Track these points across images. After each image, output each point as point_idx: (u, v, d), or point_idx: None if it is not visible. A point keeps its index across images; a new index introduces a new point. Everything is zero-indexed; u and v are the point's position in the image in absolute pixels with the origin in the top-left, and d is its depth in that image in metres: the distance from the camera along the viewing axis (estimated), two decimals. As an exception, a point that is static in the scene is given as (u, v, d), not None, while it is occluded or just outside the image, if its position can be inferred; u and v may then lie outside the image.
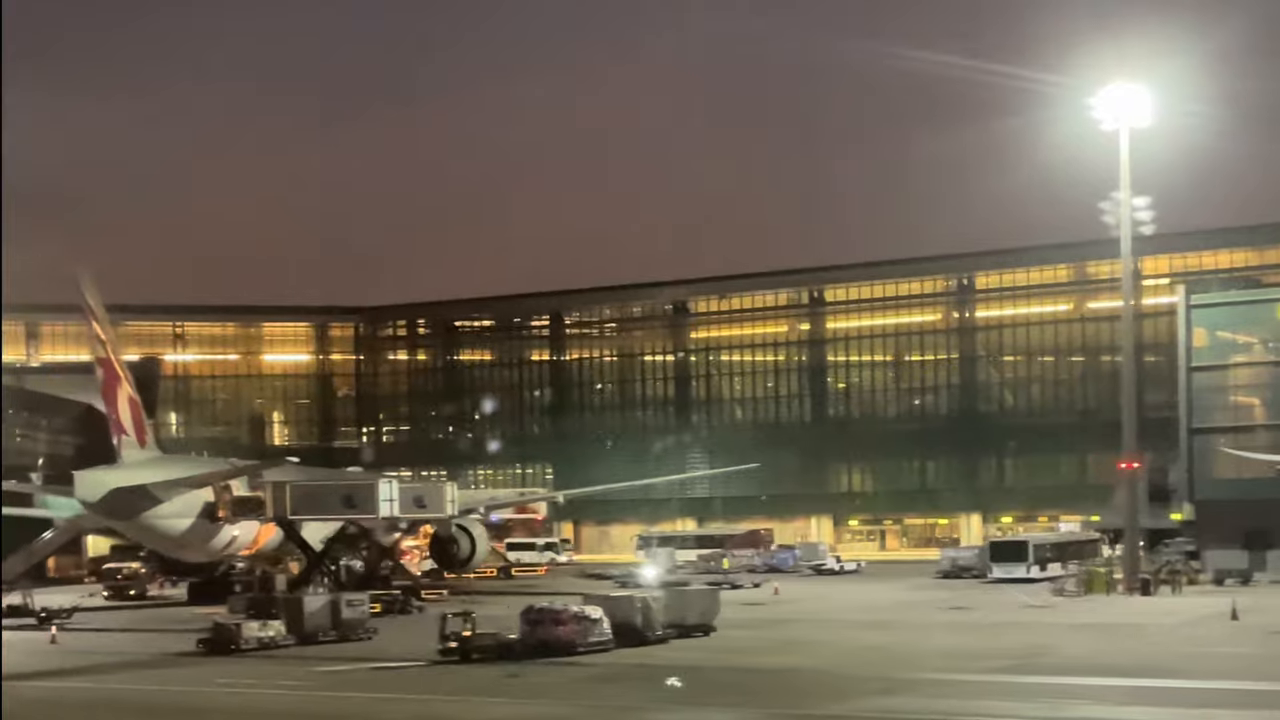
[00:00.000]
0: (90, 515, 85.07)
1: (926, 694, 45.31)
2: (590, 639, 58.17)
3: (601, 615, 58.99)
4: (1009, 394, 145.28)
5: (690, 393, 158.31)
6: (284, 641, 63.85)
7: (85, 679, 55.62)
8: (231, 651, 61.76)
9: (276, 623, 64.73)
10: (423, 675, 53.71)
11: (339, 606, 66.72)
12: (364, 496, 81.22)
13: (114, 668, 58.98)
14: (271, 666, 57.42)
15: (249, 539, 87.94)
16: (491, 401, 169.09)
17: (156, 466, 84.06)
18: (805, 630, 67.12)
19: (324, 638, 65.32)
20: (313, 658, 59.92)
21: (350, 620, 66.75)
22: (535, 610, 58.94)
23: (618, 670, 53.33)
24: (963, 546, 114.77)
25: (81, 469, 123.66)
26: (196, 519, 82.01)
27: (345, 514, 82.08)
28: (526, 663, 55.23)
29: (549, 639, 57.59)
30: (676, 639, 61.78)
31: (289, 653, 62.16)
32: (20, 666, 58.91)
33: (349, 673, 54.88)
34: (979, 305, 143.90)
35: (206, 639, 63.37)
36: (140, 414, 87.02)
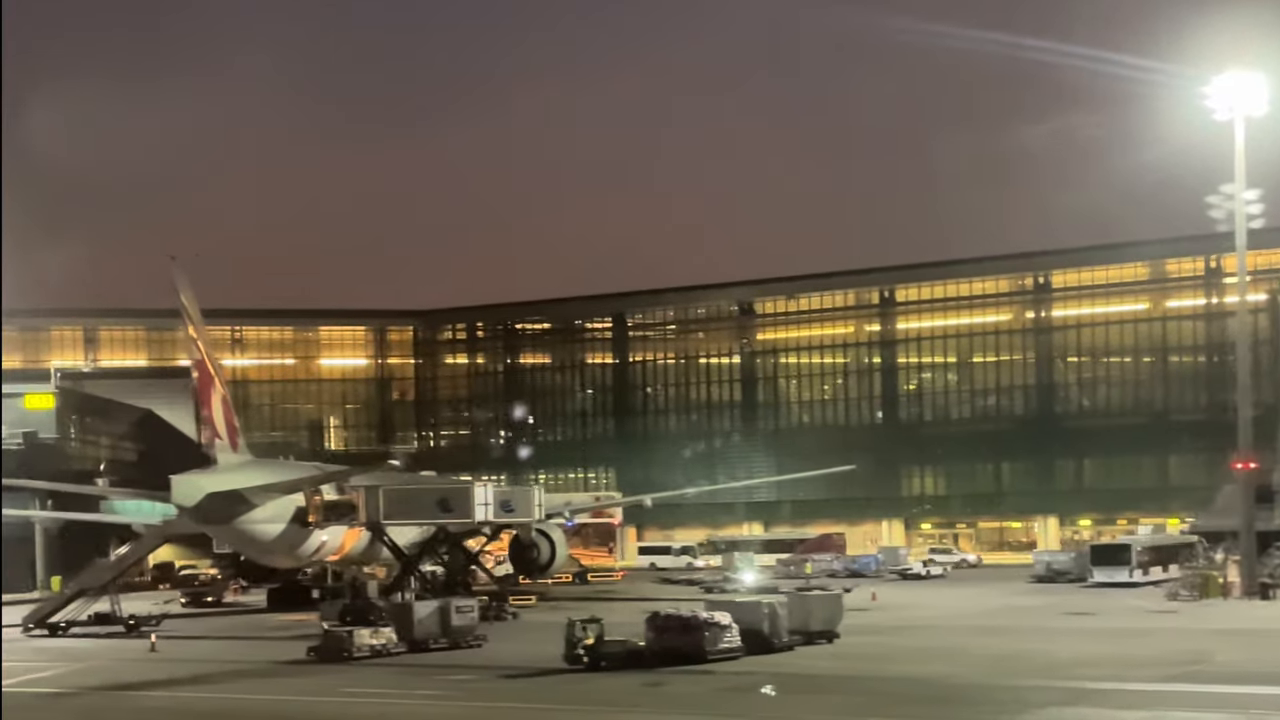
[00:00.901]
0: (179, 520, 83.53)
1: (1107, 704, 43.16)
2: (719, 646, 56.25)
3: (731, 622, 57.03)
4: (1085, 395, 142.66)
5: (756, 395, 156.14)
6: (395, 649, 62.14)
7: (205, 688, 53.95)
8: (344, 659, 60.02)
9: (387, 630, 63.00)
10: (559, 684, 51.78)
11: (449, 613, 64.83)
12: (459, 500, 79.63)
13: (229, 676, 57.28)
14: (394, 675, 55.58)
15: (336, 544, 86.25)
16: (552, 405, 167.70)
17: (250, 470, 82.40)
18: (930, 637, 64.90)
19: (435, 645, 63.62)
20: (432, 666, 58.14)
21: (460, 627, 64.90)
22: (662, 617, 56.98)
23: (758, 679, 51.23)
24: (1058, 550, 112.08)
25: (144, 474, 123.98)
26: (288, 524, 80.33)
27: (440, 518, 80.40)
28: (657, 670, 53.27)
29: (677, 646, 55.63)
30: (801, 646, 59.82)
31: (402, 661, 60.34)
32: (131, 676, 57.56)
33: (479, 682, 53.03)
34: (1055, 304, 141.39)
35: (317, 647, 61.69)
36: (233, 417, 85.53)
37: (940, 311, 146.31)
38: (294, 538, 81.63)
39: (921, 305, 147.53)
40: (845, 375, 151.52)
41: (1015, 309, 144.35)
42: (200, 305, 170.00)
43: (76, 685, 55.12)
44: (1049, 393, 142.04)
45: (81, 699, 52.19)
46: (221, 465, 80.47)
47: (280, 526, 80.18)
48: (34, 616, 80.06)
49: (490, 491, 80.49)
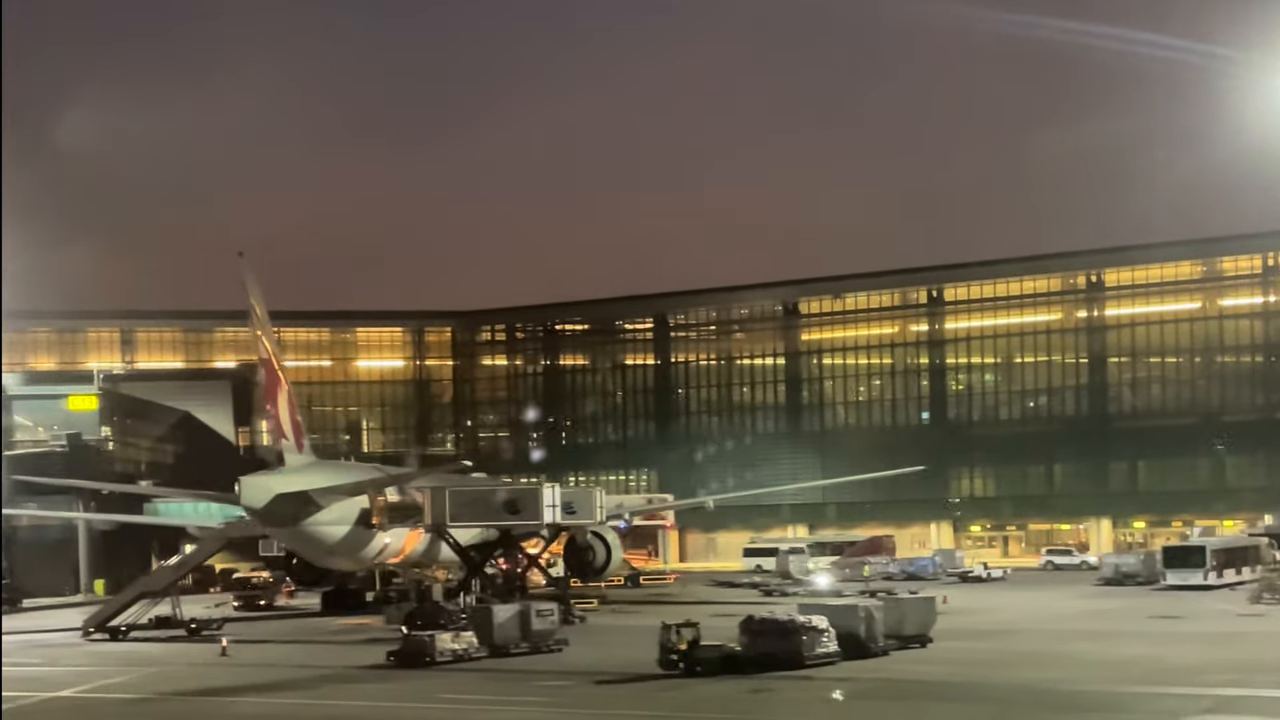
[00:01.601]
0: (243, 522, 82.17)
1: (1249, 710, 41.48)
2: (816, 651, 54.65)
3: (828, 626, 55.43)
4: (1138, 395, 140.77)
5: (800, 396, 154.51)
6: (476, 654, 60.62)
7: (295, 694, 52.42)
8: (426, 664, 58.51)
9: (468, 634, 61.49)
10: (659, 690, 50.13)
11: (529, 617, 63.31)
12: (527, 502, 78.16)
13: (314, 682, 55.77)
14: (484, 681, 54.04)
15: (398, 546, 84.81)
16: (592, 406, 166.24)
17: (316, 472, 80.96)
18: (1026, 641, 63.14)
19: (515, 650, 62.10)
20: (520, 671, 56.55)
21: (540, 631, 63.38)
22: (757, 620, 55.38)
23: (865, 686, 49.65)
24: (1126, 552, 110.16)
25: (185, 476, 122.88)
26: (353, 526, 78.90)
27: (507, 520, 78.88)
28: (756, 676, 51.66)
29: (774, 651, 54.02)
30: (896, 650, 58.20)
31: (485, 666, 58.79)
32: (211, 681, 56.11)
33: (576, 688, 51.41)
34: (1107, 303, 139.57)
35: (398, 651, 60.21)
36: (298, 417, 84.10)
37: (990, 311, 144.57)
38: (358, 540, 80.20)
39: (970, 304, 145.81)
40: (892, 376, 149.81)
41: (1065, 308, 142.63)
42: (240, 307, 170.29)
43: (157, 691, 53.69)
44: (1100, 393, 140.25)
45: (168, 705, 50.78)
46: (288, 466, 79.02)
47: (345, 529, 78.78)
48: (94, 620, 78.76)
49: (558, 493, 78.91)
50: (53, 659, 67.65)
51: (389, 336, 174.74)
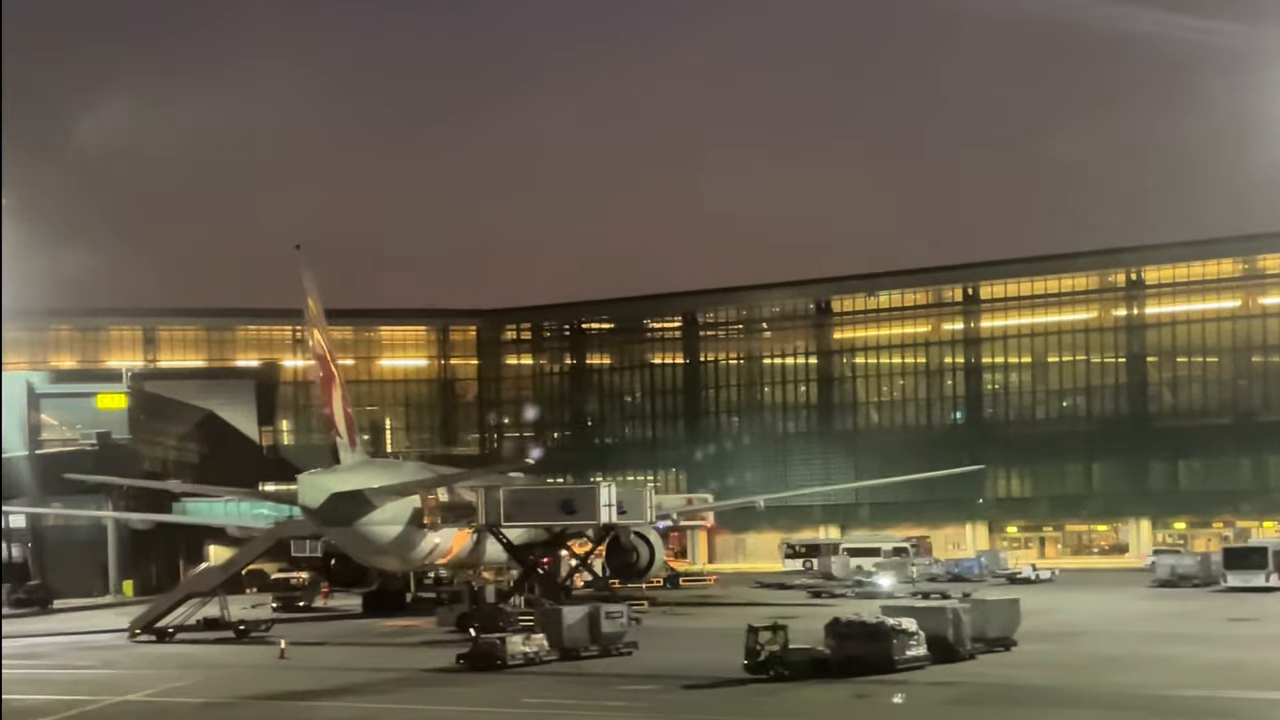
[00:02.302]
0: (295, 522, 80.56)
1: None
2: (907, 654, 53.01)
3: (918, 629, 53.77)
4: (1177, 394, 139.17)
5: (832, 395, 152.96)
6: (547, 657, 58.97)
7: (375, 699, 50.66)
8: (497, 667, 56.83)
9: (539, 637, 59.82)
10: (754, 695, 48.38)
11: (598, 619, 61.63)
12: (584, 502, 76.47)
13: (388, 686, 54.04)
14: (563, 685, 52.36)
15: (447, 547, 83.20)
16: (619, 406, 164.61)
17: (370, 471, 79.35)
18: (1108, 644, 61.30)
19: (585, 653, 60.44)
20: (597, 675, 54.80)
21: (610, 634, 61.71)
22: (844, 623, 53.69)
23: (969, 691, 47.93)
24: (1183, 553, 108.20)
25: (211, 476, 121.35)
26: (405, 526, 77.28)
27: (562, 520, 77.22)
28: (847, 680, 50.01)
29: (863, 654, 52.37)
30: (982, 654, 56.51)
31: (557, 669, 57.10)
32: (278, 684, 54.51)
33: (664, 693, 49.72)
34: (1147, 301, 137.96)
35: (467, 654, 58.55)
36: (351, 415, 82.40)
37: (1028, 309, 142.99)
38: (409, 540, 78.60)
39: (1008, 302, 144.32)
40: (926, 375, 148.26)
41: (1103, 306, 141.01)
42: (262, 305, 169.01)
43: (231, 694, 52.00)
44: (1139, 392, 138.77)
45: (248, 710, 49.08)
46: (343, 465, 77.35)
47: (398, 529, 77.16)
48: (141, 621, 77.15)
49: (614, 492, 77.19)
50: (107, 661, 66.12)
51: (413, 335, 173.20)
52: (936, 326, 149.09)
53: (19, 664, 65.72)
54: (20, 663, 66.29)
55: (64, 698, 52.48)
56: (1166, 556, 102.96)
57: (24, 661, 66.89)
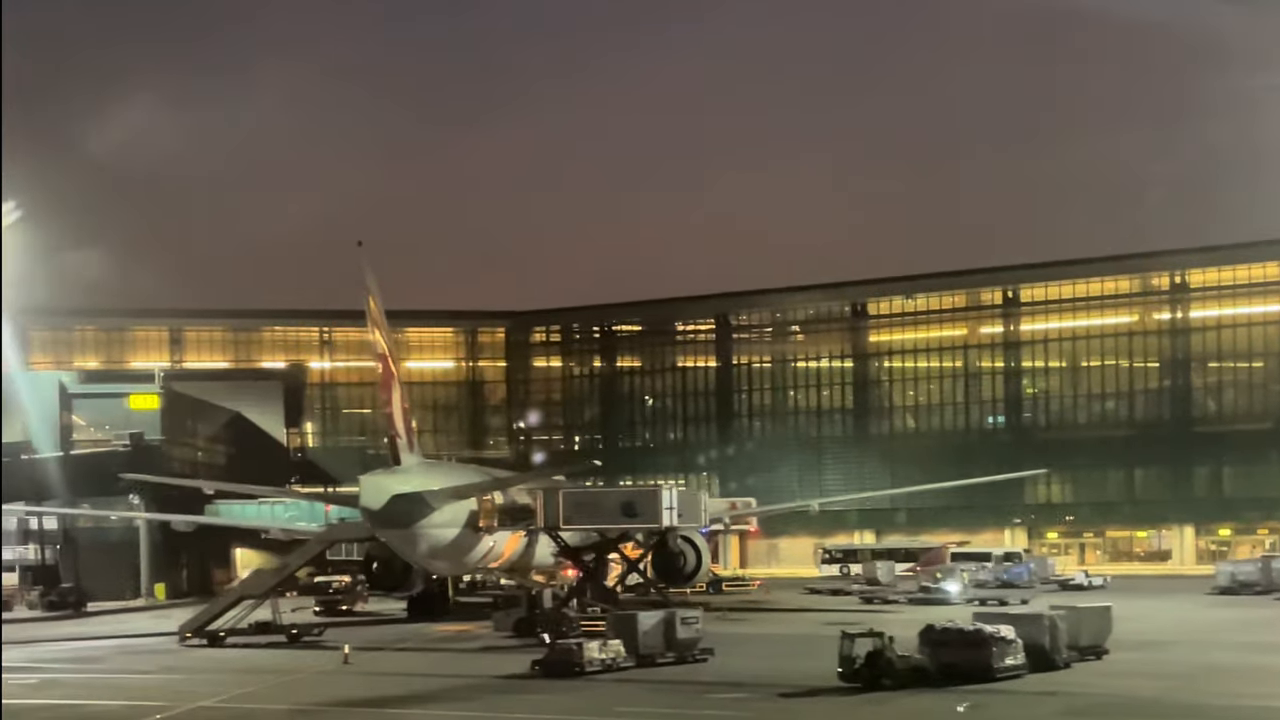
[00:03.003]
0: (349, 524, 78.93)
1: None
2: (1005, 663, 51.31)
3: (1016, 637, 52.06)
4: (1221, 399, 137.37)
5: (868, 398, 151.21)
6: (624, 663, 57.25)
7: (461, 707, 49.11)
8: (575, 674, 55.13)
9: (615, 643, 58.06)
10: (861, 705, 46.68)
11: (674, 625, 59.93)
12: (645, 505, 74.74)
13: (469, 692, 52.29)
14: (650, 693, 50.65)
15: (499, 550, 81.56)
16: (649, 409, 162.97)
17: (428, 473, 77.79)
18: (1198, 654, 59.62)
19: (661, 659, 58.74)
20: (680, 682, 53.13)
21: (685, 640, 60.02)
22: (939, 630, 51.98)
23: (1083, 702, 46.16)
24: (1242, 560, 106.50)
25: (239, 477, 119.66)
26: (462, 529, 75.60)
27: (624, 523, 75.50)
28: (950, 690, 48.30)
29: (961, 662, 50.70)
30: (1076, 662, 54.79)
31: (637, 675, 55.33)
32: (355, 691, 52.90)
33: (761, 701, 48.07)
34: (1191, 305, 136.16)
35: (543, 660, 56.86)
36: (410, 416, 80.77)
37: (1069, 312, 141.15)
38: (465, 544, 76.96)
39: (1048, 305, 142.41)
40: (965, 378, 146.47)
41: (1145, 309, 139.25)
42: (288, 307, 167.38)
43: (305, 701, 50.30)
44: (1183, 396, 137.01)
45: (332, 718, 47.44)
46: (403, 467, 75.63)
47: (455, 531, 75.49)
48: (192, 625, 75.47)
49: (675, 495, 75.45)
50: (165, 666, 64.51)
51: (440, 337, 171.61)
52: (974, 330, 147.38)
53: (75, 668, 64.26)
54: (77, 666, 64.82)
55: (137, 703, 50.85)
56: (1227, 564, 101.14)
57: (80, 665, 65.40)
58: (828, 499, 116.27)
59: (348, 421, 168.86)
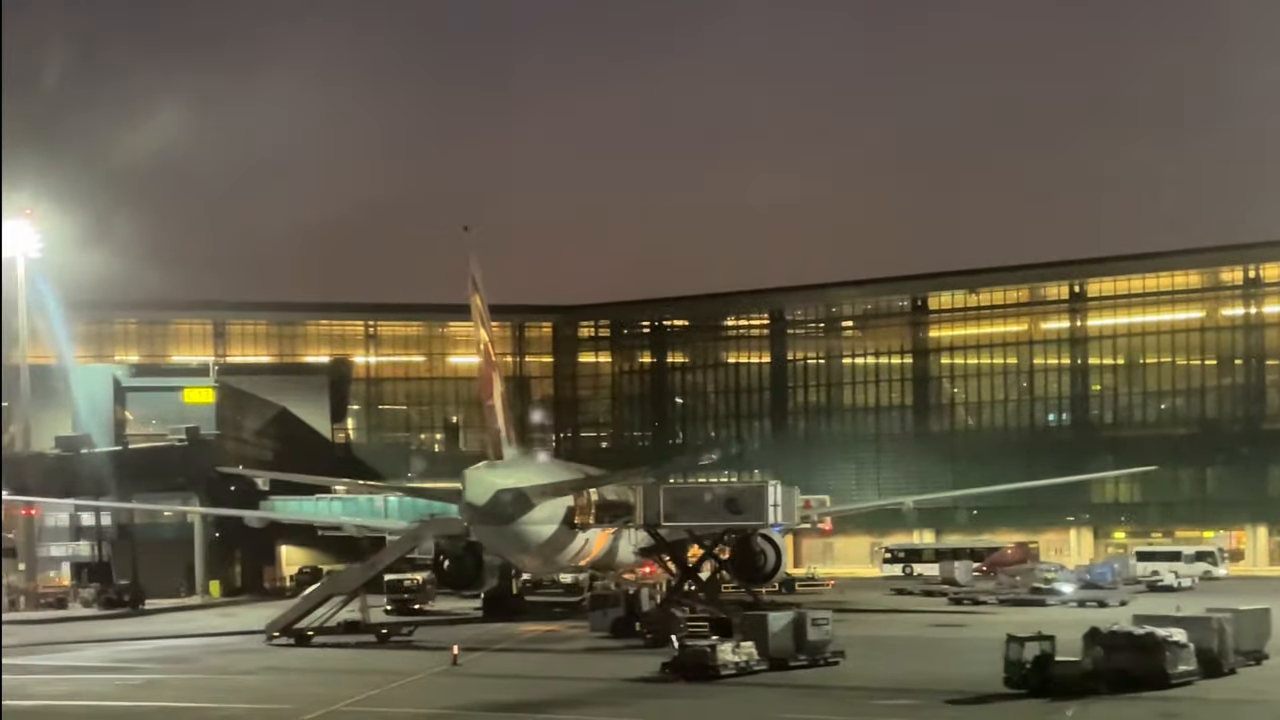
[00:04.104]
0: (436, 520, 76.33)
1: None
2: (1179, 669, 48.62)
3: (1188, 641, 49.38)
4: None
5: (928, 395, 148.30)
6: (757, 666, 54.64)
7: (608, 712, 46.50)
8: (710, 678, 52.50)
9: (748, 645, 55.43)
10: (1046, 714, 43.98)
11: (804, 626, 57.32)
12: (751, 501, 71.90)
13: (608, 696, 49.75)
14: (803, 698, 48.07)
15: (590, 548, 78.94)
16: (701, 405, 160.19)
17: (528, 468, 75.26)
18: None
19: (794, 662, 56.11)
20: (826, 687, 50.51)
21: (816, 642, 57.40)
22: (1107, 634, 49.26)
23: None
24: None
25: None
26: (559, 526, 72.95)
27: (729, 520, 72.67)
28: (1129, 697, 45.64)
29: (1133, 668, 48.01)
30: (1240, 667, 52.08)
31: (774, 679, 52.75)
32: (488, 695, 50.39)
33: (928, 708, 45.39)
34: (1265, 300, 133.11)
35: (673, 663, 54.22)
36: (508, 410, 78.13)
37: (1138, 306, 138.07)
38: (561, 541, 74.35)
39: (1116, 300, 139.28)
40: (1030, 374, 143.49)
41: (1216, 303, 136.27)
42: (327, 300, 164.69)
43: (442, 706, 47.71)
44: (1256, 393, 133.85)
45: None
46: (505, 461, 72.96)
47: (552, 529, 72.88)
48: (280, 624, 72.91)
49: (781, 492, 72.66)
50: (265, 666, 62.27)
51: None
52: (1034, 325, 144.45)
53: (171, 668, 61.74)
54: (171, 666, 62.33)
55: (264, 706, 48.41)
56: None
57: (175, 665, 62.86)
58: (923, 496, 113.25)
59: (392, 417, 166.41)
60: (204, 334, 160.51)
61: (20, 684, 55.94)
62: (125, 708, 49.67)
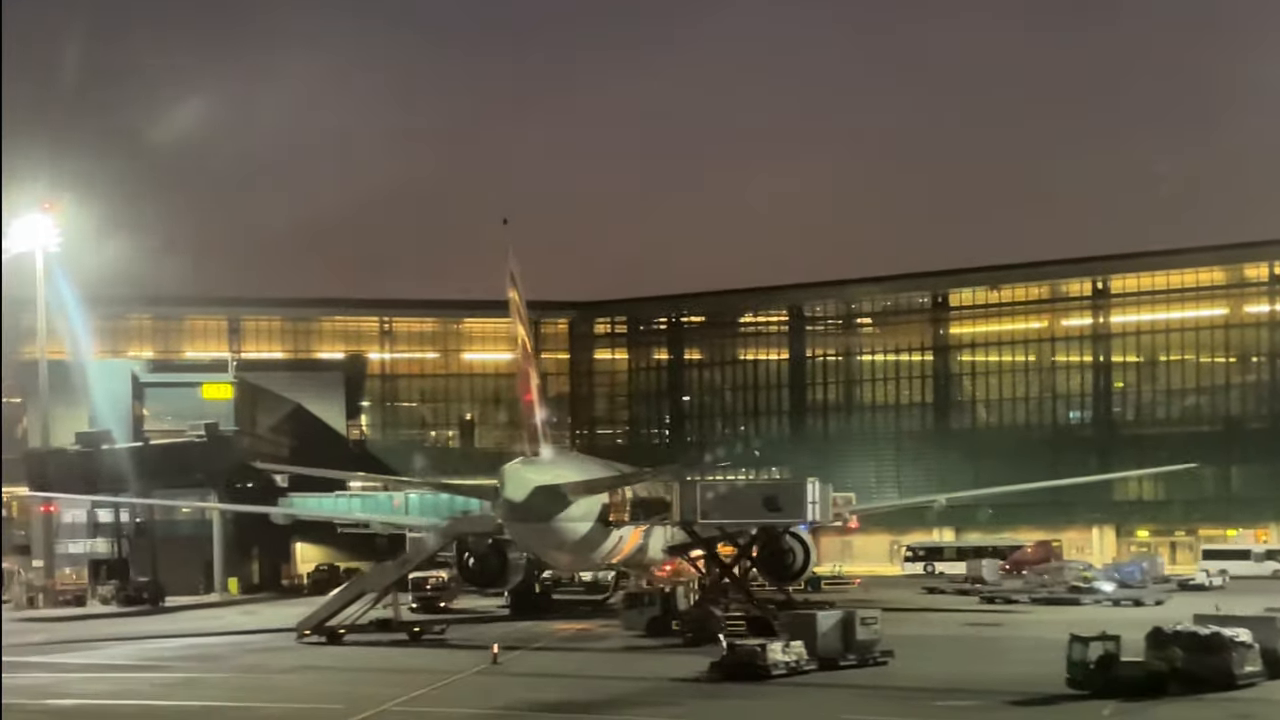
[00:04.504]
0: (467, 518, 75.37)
1: None
2: (1245, 669, 47.68)
3: (1253, 641, 48.42)
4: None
5: (949, 393, 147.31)
6: (807, 666, 53.68)
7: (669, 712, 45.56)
8: (761, 678, 51.53)
9: (798, 645, 54.46)
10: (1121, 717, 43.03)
11: (852, 625, 56.37)
12: (790, 498, 70.79)
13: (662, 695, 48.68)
14: (861, 699, 46.98)
15: (622, 546, 77.95)
16: (718, 402, 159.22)
17: (563, 464, 74.16)
18: None
19: (843, 662, 55.16)
20: (882, 687, 49.45)
21: (864, 641, 56.47)
22: (1170, 633, 48.29)
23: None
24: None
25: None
26: (594, 523, 71.91)
27: (767, 517, 71.66)
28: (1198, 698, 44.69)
29: (1199, 669, 47.05)
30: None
31: (825, 679, 51.75)
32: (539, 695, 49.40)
33: (990, 710, 44.39)
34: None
35: (721, 663, 53.26)
36: (543, 405, 77.13)
37: (1162, 303, 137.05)
38: (595, 539, 73.26)
39: (1140, 296, 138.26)
40: (1054, 371, 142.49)
41: (1241, 299, 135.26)
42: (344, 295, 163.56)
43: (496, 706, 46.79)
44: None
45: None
46: (542, 458, 71.95)
47: (588, 526, 71.78)
48: (310, 621, 71.96)
49: (819, 489, 71.62)
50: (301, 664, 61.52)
51: (501, 328, 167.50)
52: (1054, 322, 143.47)
53: (205, 666, 60.78)
54: (206, 665, 61.39)
55: (311, 705, 47.48)
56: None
57: (209, 663, 61.83)
58: (956, 494, 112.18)
59: (407, 414, 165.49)
60: (218, 330, 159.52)
61: (59, 682, 55.24)
62: (170, 707, 48.77)
